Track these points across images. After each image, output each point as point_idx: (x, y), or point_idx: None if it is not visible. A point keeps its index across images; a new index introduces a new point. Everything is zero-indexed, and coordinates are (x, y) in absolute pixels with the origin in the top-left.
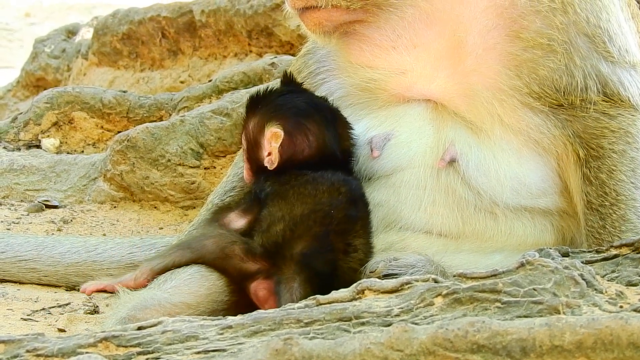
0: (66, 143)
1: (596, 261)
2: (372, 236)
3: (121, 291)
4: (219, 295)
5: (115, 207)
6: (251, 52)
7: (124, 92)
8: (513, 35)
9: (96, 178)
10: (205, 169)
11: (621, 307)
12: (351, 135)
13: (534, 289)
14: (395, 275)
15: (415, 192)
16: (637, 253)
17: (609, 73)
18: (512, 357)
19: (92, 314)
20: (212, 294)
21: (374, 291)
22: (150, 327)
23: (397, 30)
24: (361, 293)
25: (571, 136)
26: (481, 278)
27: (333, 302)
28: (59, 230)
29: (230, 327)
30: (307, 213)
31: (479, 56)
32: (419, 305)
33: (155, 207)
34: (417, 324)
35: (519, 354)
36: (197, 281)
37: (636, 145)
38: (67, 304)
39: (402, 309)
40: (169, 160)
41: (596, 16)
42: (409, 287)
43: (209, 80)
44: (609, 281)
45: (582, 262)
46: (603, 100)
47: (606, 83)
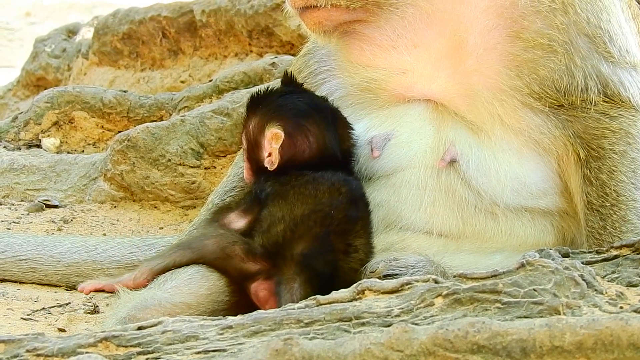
0: (66, 143)
1: (596, 262)
2: (372, 236)
3: (121, 291)
4: (220, 296)
5: (115, 206)
6: (252, 52)
7: (124, 91)
8: (514, 36)
9: (96, 178)
10: (205, 168)
11: (621, 307)
12: (351, 135)
13: (534, 290)
14: (396, 275)
15: (415, 192)
16: (638, 254)
17: (609, 73)
18: (512, 358)
19: (92, 313)
20: (212, 294)
21: (374, 291)
22: (151, 327)
23: (398, 30)
24: (361, 293)
25: (572, 137)
26: (481, 278)
27: (333, 302)
28: (59, 230)
29: (231, 327)
30: (308, 213)
31: (480, 56)
32: (419, 306)
33: (156, 207)
34: (417, 324)
35: (519, 354)
36: (198, 281)
37: (637, 146)
38: (67, 304)
39: (402, 309)
40: (169, 160)
41: (597, 17)
42: (409, 288)
43: (210, 80)
44: (609, 282)
45: (583, 263)
46: (604, 101)
47: (607, 83)
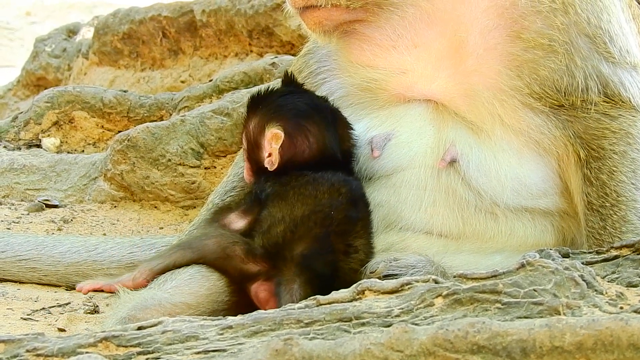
0: (66, 142)
1: (596, 262)
2: (373, 236)
3: (121, 291)
4: (220, 296)
5: (115, 206)
6: (252, 52)
7: (124, 91)
8: (514, 36)
9: (96, 177)
10: (205, 168)
11: (621, 308)
12: (351, 136)
13: (534, 290)
14: (396, 275)
15: (415, 192)
16: (638, 254)
17: (609, 74)
18: (512, 358)
19: (92, 313)
20: (212, 294)
21: (374, 292)
22: (151, 327)
23: (398, 30)
24: (361, 293)
25: (572, 137)
26: (481, 279)
27: (333, 302)
28: (59, 229)
29: (231, 327)
30: (308, 214)
31: (480, 56)
32: (419, 306)
33: (156, 207)
34: (417, 324)
35: (519, 354)
36: (198, 281)
37: (637, 147)
38: (67, 304)
39: (402, 309)
40: (169, 160)
41: (597, 17)
42: (409, 288)
43: (210, 80)
44: (609, 282)
45: (583, 263)
46: (604, 101)
47: (607, 84)
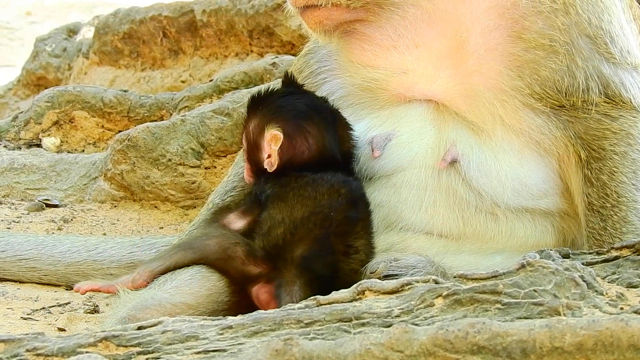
0: (67, 142)
1: (597, 263)
2: (373, 236)
3: (121, 291)
4: (220, 296)
5: (115, 206)
6: (252, 52)
7: (124, 91)
8: (515, 36)
9: (97, 177)
10: (205, 168)
11: (621, 308)
12: (351, 137)
13: (535, 291)
14: (396, 276)
15: (416, 192)
16: (638, 255)
17: (610, 74)
18: (513, 359)
19: (92, 313)
20: (212, 295)
21: (375, 292)
22: (151, 327)
23: (399, 30)
24: (361, 294)
25: (572, 137)
26: (482, 279)
27: (333, 302)
28: (59, 229)
29: (231, 327)
30: (307, 216)
31: (481, 56)
32: (419, 306)
33: (156, 207)
34: (417, 324)
35: (519, 355)
36: (198, 282)
37: (637, 147)
38: (67, 303)
39: (402, 309)
40: (169, 160)
41: (598, 17)
42: (409, 288)
43: (210, 80)
44: (609, 283)
45: (583, 264)
46: (605, 102)
47: (608, 84)
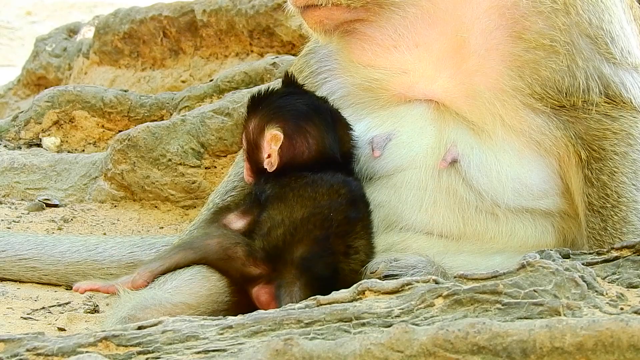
0: (67, 142)
1: (597, 263)
2: (373, 237)
3: (121, 291)
4: (220, 296)
5: (115, 206)
6: (252, 51)
7: (125, 91)
8: (515, 36)
9: (97, 177)
10: (206, 168)
11: (622, 309)
12: (351, 137)
13: (535, 291)
14: (396, 276)
15: (416, 192)
16: (638, 255)
17: (611, 75)
18: (513, 359)
19: (92, 313)
20: (212, 295)
21: (375, 292)
22: (151, 326)
23: (399, 30)
24: (362, 294)
25: (573, 138)
26: (482, 279)
27: (333, 302)
28: (60, 229)
29: (231, 327)
30: (307, 216)
31: (482, 56)
32: (419, 306)
33: (156, 207)
34: (417, 324)
35: (519, 355)
36: (198, 282)
37: (638, 147)
38: (67, 303)
39: (402, 309)
40: (169, 160)
41: (598, 18)
42: (409, 288)
43: (210, 80)
44: (609, 283)
45: (583, 264)
46: (605, 102)
47: (608, 84)
